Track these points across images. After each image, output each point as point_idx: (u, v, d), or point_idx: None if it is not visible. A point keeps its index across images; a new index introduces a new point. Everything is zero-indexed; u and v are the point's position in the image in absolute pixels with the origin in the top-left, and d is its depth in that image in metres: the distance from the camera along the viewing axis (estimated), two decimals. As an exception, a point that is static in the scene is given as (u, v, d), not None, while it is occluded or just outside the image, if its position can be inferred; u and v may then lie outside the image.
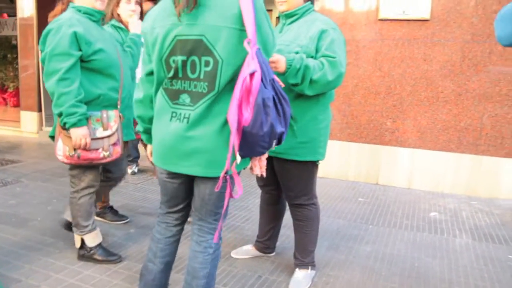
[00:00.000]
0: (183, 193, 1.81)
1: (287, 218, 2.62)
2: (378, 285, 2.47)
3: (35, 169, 4.80)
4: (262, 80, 1.45)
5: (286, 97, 1.59)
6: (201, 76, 1.56)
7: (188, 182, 1.77)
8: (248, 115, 1.45)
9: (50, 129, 6.87)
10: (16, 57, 8.65)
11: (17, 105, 8.68)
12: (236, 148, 1.51)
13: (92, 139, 2.33)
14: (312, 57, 2.10)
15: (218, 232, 1.76)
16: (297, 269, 2.48)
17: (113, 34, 2.82)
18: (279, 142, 1.60)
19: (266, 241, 2.72)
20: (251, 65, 1.43)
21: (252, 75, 1.42)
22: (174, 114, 1.63)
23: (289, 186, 2.35)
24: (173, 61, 1.58)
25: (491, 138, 4.25)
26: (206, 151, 1.60)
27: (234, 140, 1.49)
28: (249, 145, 1.53)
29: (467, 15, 4.21)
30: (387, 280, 2.53)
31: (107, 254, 2.62)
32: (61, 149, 2.33)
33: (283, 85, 1.64)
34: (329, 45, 2.07)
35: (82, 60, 2.28)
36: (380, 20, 4.52)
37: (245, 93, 1.44)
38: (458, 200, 4.17)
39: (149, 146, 1.92)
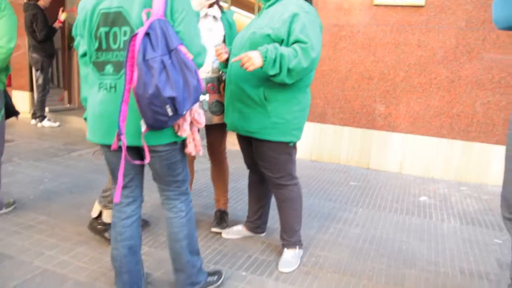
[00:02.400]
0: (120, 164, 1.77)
1: (278, 199, 2.65)
2: (366, 265, 2.52)
3: (27, 149, 4.79)
4: (151, 42, 1.51)
5: (191, 68, 1.58)
6: (121, 46, 1.65)
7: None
8: (135, 76, 1.52)
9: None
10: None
11: (8, 84, 8.57)
12: (141, 114, 1.56)
13: None
14: (282, 40, 2.12)
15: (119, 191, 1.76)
16: (285, 249, 2.52)
17: None
18: (176, 111, 1.56)
19: (256, 221, 2.76)
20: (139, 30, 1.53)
21: (134, 37, 1.51)
22: (101, 85, 1.72)
23: (266, 167, 2.39)
24: (99, 33, 1.68)
25: (483, 125, 4.29)
26: (132, 119, 1.64)
27: (125, 102, 1.58)
28: (145, 110, 1.54)
29: (462, 1, 4.21)
30: (374, 261, 2.58)
31: None
32: None
33: (191, 56, 1.61)
34: (301, 29, 2.07)
35: None
36: (375, 5, 4.50)
37: (131, 55, 1.53)
38: (448, 185, 4.23)
39: None
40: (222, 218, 2.85)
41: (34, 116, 6.26)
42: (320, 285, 2.27)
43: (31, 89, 6.77)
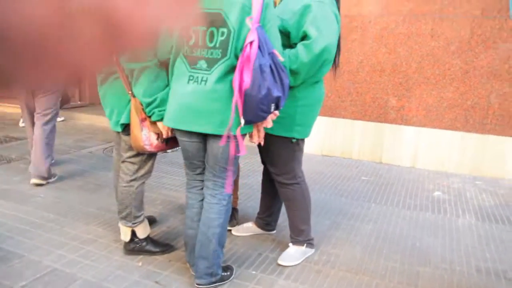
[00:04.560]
0: (202, 152, 2.01)
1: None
2: (378, 263, 2.46)
3: (38, 146, 4.80)
4: (260, 49, 1.71)
5: (284, 69, 1.83)
6: (217, 44, 1.81)
7: (202, 142, 1.97)
8: (247, 79, 1.70)
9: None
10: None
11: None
12: (240, 112, 1.76)
13: None
14: (289, 32, 2.08)
15: (230, 185, 2.01)
16: (290, 244, 2.48)
17: None
18: (277, 107, 1.83)
19: (267, 218, 2.72)
20: (250, 36, 1.72)
21: (250, 44, 1.70)
22: (191, 77, 1.86)
23: (269, 162, 2.37)
24: (193, 31, 1.82)
25: (498, 117, 4.17)
26: (219, 112, 1.83)
27: (238, 101, 1.74)
28: (251, 108, 1.76)
29: (478, -11, 4.08)
30: (388, 259, 2.52)
31: (159, 245, 2.49)
32: (148, 139, 2.11)
33: (282, 59, 1.84)
34: (312, 21, 2.02)
35: None
36: (387, -5, 4.39)
37: (245, 60, 1.71)
38: (462, 180, 4.14)
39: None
40: (232, 215, 2.81)
41: None
42: (331, 284, 2.23)
43: (42, 86, 6.80)
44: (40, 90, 3.41)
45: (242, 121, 1.80)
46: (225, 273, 2.19)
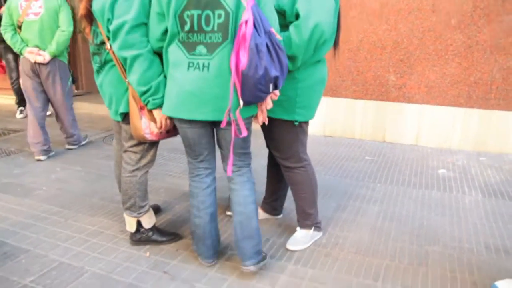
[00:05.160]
0: (204, 138, 1.98)
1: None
2: (387, 244, 2.44)
3: (37, 137, 4.74)
4: (256, 28, 1.66)
5: (282, 48, 1.79)
6: (215, 28, 1.74)
7: (205, 128, 1.95)
8: (244, 59, 1.66)
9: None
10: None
11: (2, 72, 8.54)
12: (239, 93, 1.72)
13: None
14: (284, 11, 2.00)
15: (231, 166, 1.96)
16: (298, 228, 2.47)
17: None
18: (276, 87, 1.80)
19: (273, 202, 2.69)
20: (245, 15, 1.65)
21: (245, 23, 1.64)
22: (191, 64, 1.80)
23: (273, 146, 2.34)
24: (187, 15, 1.74)
25: (502, 92, 4.11)
26: (222, 97, 1.79)
27: (236, 82, 1.69)
28: (249, 89, 1.72)
29: (480, -40, 3.97)
30: (396, 239, 2.50)
31: (166, 234, 2.46)
32: (148, 127, 2.08)
33: (280, 38, 1.79)
34: None
35: None
36: (386, -31, 4.28)
37: (241, 40, 1.65)
38: (467, 156, 4.11)
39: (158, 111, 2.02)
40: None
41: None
42: (341, 268, 2.21)
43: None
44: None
45: (241, 102, 1.75)
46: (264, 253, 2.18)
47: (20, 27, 3.71)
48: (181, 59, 1.82)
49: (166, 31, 1.84)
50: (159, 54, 1.97)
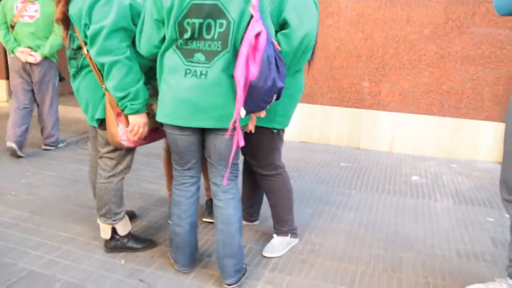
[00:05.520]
0: (194, 146, 1.95)
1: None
2: (362, 251, 2.48)
3: (6, 140, 4.59)
4: (267, 40, 1.67)
5: (282, 59, 1.81)
6: (215, 36, 1.73)
7: (196, 136, 1.92)
8: (254, 71, 1.66)
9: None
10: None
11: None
12: (242, 102, 1.71)
13: (152, 116, 2.09)
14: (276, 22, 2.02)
15: (227, 177, 1.96)
16: (274, 235, 2.47)
17: None
18: (278, 97, 1.82)
19: (249, 209, 2.69)
20: (256, 26, 1.65)
21: (258, 34, 1.64)
22: (188, 71, 1.78)
23: (250, 154, 2.33)
24: (188, 23, 1.72)
25: (472, 101, 4.26)
26: (220, 105, 1.79)
27: (241, 94, 1.68)
28: (254, 99, 1.73)
29: (452, -26, 4.10)
30: (371, 246, 2.54)
31: (141, 241, 2.41)
32: (124, 133, 2.04)
33: (279, 48, 1.86)
34: (290, 8, 1.96)
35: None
36: (363, -21, 4.36)
37: (251, 51, 1.66)
38: (439, 163, 4.22)
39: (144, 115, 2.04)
40: (212, 207, 2.76)
41: None
42: (318, 274, 2.23)
43: (7, 77, 6.49)
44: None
45: (243, 112, 1.75)
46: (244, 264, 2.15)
47: (13, 27, 3.82)
48: (177, 65, 1.80)
49: (164, 37, 1.81)
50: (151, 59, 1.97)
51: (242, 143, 1.81)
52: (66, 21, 2.05)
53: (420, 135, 4.46)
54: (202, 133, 1.94)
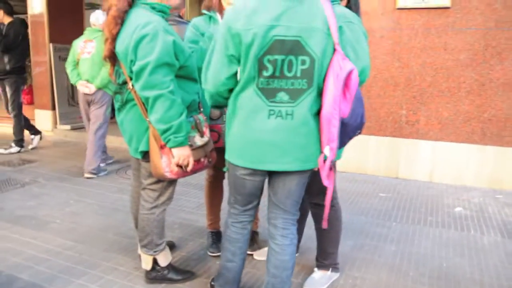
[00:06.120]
0: (259, 189, 1.91)
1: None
2: (406, 286, 2.38)
3: (51, 169, 4.79)
4: None
5: (360, 93, 1.77)
6: (298, 74, 1.66)
7: (264, 178, 1.87)
8: (345, 108, 1.64)
9: (65, 127, 6.81)
10: (28, 55, 8.64)
11: (31, 102, 8.71)
12: (336, 140, 1.67)
13: (194, 149, 2.13)
14: None
15: (326, 220, 1.92)
16: (315, 269, 2.42)
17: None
18: (359, 132, 1.82)
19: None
20: (346, 64, 1.63)
21: (350, 72, 1.62)
22: (272, 112, 1.69)
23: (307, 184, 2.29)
24: (268, 60, 1.63)
25: (517, 129, 4.10)
26: (305, 146, 1.73)
27: (335, 132, 1.65)
28: (342, 136, 1.70)
29: (490, 1, 4.05)
30: (415, 281, 2.44)
31: (181, 272, 2.43)
32: (168, 166, 2.07)
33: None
34: (346, 43, 1.93)
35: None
36: (398, 9, 4.37)
37: (344, 89, 1.63)
38: (482, 193, 4.05)
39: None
40: (252, 239, 2.75)
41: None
42: (361, 311, 2.15)
43: (53, 108, 6.83)
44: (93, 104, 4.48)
45: (328, 151, 1.71)
46: None
47: (77, 63, 4.48)
48: (259, 106, 1.69)
49: (233, 75, 1.72)
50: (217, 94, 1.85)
51: (331, 183, 1.75)
52: (113, 58, 2.15)
53: (461, 164, 4.32)
54: (268, 174, 1.88)
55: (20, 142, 5.64)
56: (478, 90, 4.19)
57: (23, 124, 5.66)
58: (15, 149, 5.59)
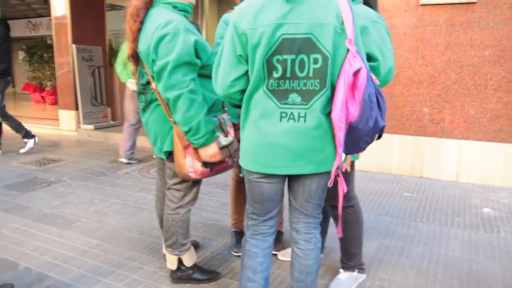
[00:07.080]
0: (278, 195, 1.78)
1: (336, 219, 2.51)
2: (435, 289, 2.33)
3: (76, 168, 4.87)
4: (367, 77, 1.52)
5: (382, 93, 1.63)
6: (310, 74, 1.55)
7: (282, 183, 1.76)
8: (354, 111, 1.53)
9: (88, 127, 6.92)
10: (52, 56, 8.83)
11: (55, 103, 8.89)
12: (341, 144, 1.58)
13: (220, 148, 2.11)
14: None
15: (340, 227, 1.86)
16: (341, 270, 2.39)
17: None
18: (379, 137, 1.69)
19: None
20: (355, 62, 1.50)
21: (357, 71, 1.49)
22: (284, 114, 1.61)
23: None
24: (277, 60, 1.55)
25: (547, 127, 3.98)
26: (320, 148, 1.63)
27: (341, 136, 1.55)
28: (354, 141, 1.61)
29: (519, -5, 3.93)
30: (444, 284, 2.39)
31: (206, 272, 2.42)
32: (192, 166, 2.08)
33: (378, 82, 1.73)
34: (372, 43, 1.94)
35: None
36: (421, 5, 4.29)
37: (350, 90, 1.52)
38: (511, 194, 3.94)
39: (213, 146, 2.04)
40: (277, 239, 2.73)
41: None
42: (389, 314, 2.11)
43: (76, 108, 6.94)
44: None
45: (343, 156, 1.64)
46: None
47: (126, 64, 4.76)
48: (271, 109, 1.61)
49: (241, 76, 1.64)
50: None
51: (345, 188, 1.69)
52: (136, 57, 2.16)
53: (488, 163, 4.21)
54: (285, 179, 1.79)
55: (27, 134, 5.61)
56: (506, 87, 4.07)
57: (16, 120, 5.51)
58: (30, 142, 5.62)
